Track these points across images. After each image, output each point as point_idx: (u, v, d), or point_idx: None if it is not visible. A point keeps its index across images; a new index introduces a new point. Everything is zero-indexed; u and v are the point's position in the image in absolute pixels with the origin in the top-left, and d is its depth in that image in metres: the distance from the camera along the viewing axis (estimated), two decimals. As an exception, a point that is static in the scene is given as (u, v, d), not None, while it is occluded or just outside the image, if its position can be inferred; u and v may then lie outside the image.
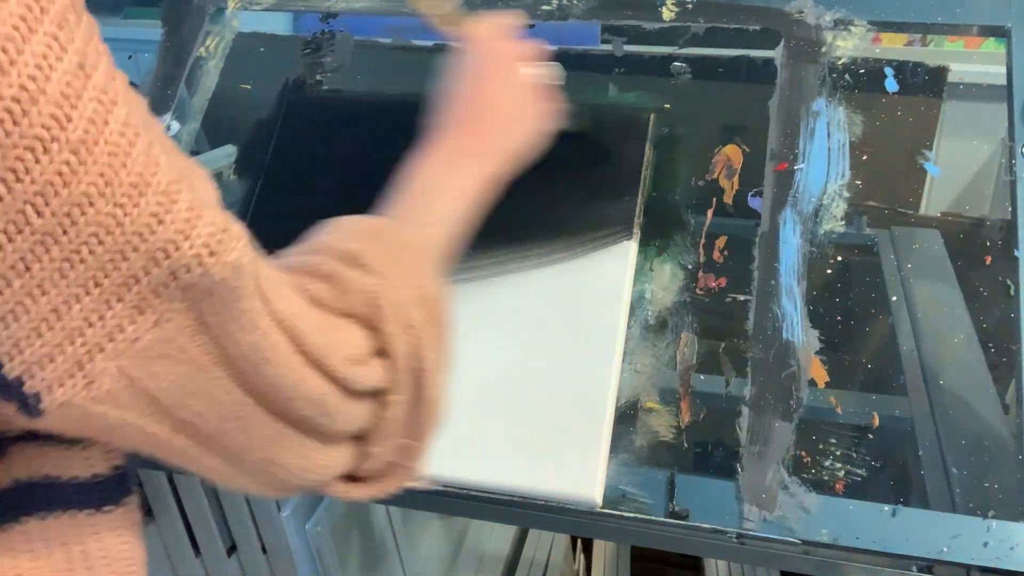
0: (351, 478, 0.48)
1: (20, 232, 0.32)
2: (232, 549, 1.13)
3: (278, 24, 0.98)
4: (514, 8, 0.87)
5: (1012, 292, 0.69)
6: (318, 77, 0.91)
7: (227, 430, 0.40)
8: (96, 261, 0.33)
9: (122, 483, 0.46)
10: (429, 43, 0.91)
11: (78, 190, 0.32)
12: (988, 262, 0.71)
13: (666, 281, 0.74)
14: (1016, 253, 0.70)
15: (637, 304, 0.73)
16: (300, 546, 1.09)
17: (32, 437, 0.42)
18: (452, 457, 0.68)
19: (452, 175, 0.59)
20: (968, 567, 0.61)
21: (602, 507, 0.66)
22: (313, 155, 0.85)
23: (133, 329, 0.35)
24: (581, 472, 0.66)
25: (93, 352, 0.35)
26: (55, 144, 0.31)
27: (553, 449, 0.67)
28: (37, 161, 0.31)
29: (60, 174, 0.31)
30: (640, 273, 0.74)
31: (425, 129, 0.62)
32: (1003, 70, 0.76)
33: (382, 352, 0.45)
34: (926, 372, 0.68)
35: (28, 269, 0.32)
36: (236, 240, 0.37)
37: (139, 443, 0.39)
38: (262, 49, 0.95)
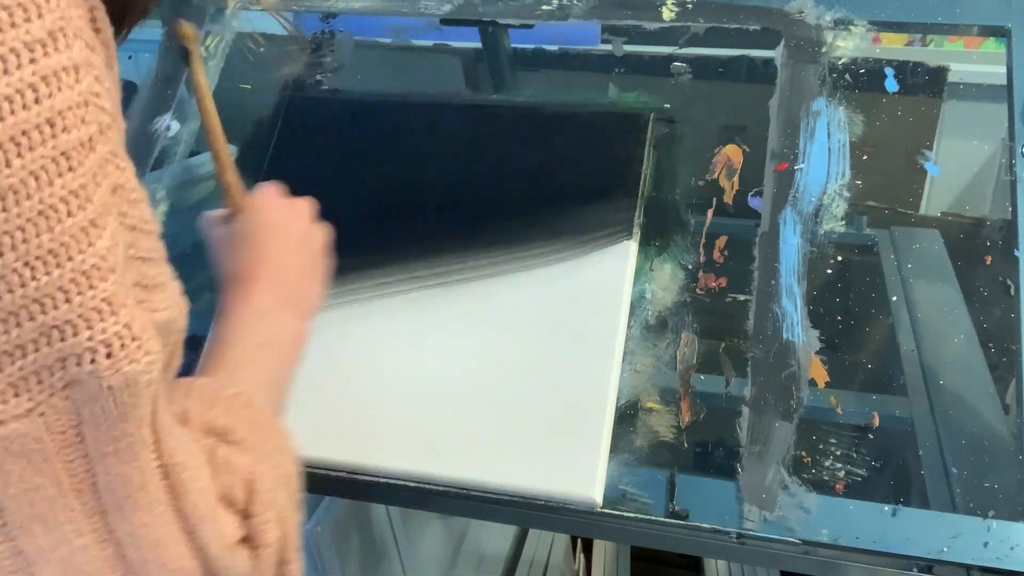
0: None
1: None
2: (232, 549, 1.13)
3: (278, 24, 0.97)
4: (514, 8, 0.87)
5: (1012, 292, 0.69)
6: (318, 77, 0.91)
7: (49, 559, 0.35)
8: None
9: None
10: (429, 43, 0.91)
11: None
12: (988, 262, 0.71)
13: (666, 281, 0.74)
14: (1016, 253, 0.70)
15: (637, 304, 0.73)
16: (300, 546, 1.09)
17: None
18: (452, 457, 0.68)
19: (274, 330, 0.56)
20: (968, 567, 0.61)
21: (602, 507, 0.66)
22: (313, 155, 0.85)
23: (2, 408, 0.32)
24: (581, 472, 0.66)
25: None
26: None
27: (553, 449, 0.67)
28: None
29: None
30: (640, 273, 0.74)
31: (223, 283, 0.60)
32: (1003, 70, 0.76)
33: (250, 540, 0.42)
34: (926, 372, 0.68)
35: None
36: (142, 354, 0.33)
37: None
38: (262, 49, 0.95)
